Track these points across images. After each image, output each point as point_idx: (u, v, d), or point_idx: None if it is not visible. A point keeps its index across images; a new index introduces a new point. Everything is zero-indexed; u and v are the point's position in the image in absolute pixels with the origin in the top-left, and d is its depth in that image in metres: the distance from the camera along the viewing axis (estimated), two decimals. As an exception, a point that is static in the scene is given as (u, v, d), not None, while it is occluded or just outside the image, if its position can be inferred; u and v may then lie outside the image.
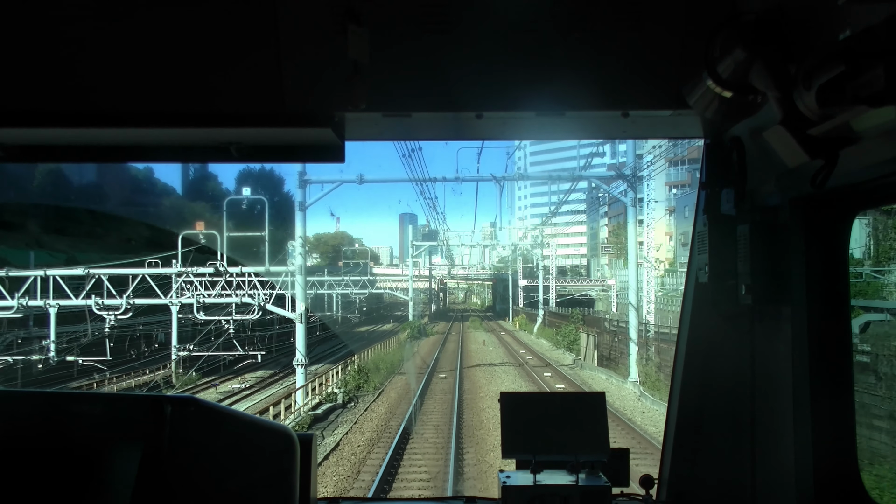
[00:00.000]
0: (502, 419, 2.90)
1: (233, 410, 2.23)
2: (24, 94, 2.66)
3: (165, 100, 2.68)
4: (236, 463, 2.15)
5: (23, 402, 2.15)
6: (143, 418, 1.90)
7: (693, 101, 2.43)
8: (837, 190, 2.36)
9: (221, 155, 2.97)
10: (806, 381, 2.64)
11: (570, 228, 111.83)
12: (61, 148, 3.03)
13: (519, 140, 47.05)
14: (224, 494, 2.06)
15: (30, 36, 2.58)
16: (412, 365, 44.27)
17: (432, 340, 64.44)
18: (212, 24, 2.60)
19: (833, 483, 2.62)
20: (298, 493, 2.41)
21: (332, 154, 2.99)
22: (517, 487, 2.74)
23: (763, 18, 2.09)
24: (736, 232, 2.85)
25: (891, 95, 1.57)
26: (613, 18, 2.60)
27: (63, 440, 1.95)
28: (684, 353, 3.30)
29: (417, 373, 40.62)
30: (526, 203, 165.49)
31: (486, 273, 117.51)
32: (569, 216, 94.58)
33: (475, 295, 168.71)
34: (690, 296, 3.29)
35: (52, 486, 1.89)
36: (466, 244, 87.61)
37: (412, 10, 2.58)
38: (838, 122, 1.83)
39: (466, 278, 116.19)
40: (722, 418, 3.13)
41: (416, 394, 32.79)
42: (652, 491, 3.03)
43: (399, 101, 2.74)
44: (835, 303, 2.66)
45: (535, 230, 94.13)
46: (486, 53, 2.66)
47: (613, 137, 4.45)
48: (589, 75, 2.69)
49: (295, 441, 2.40)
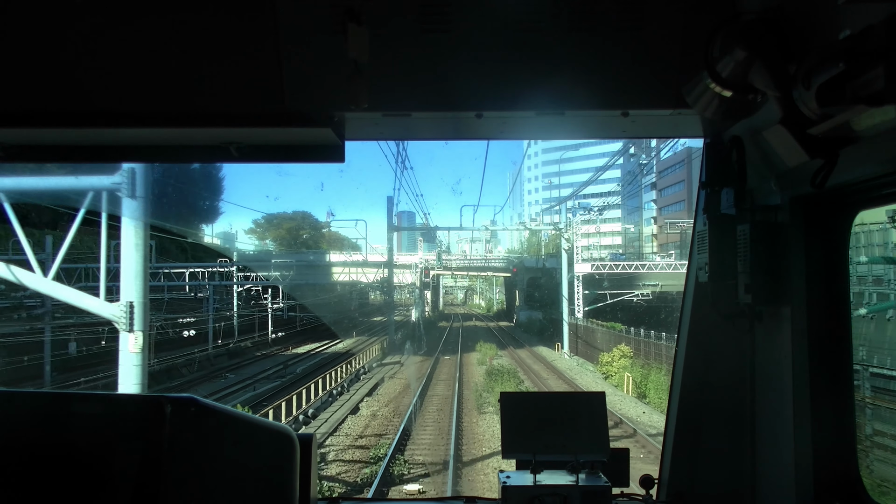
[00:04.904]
0: (502, 419, 2.90)
1: (233, 410, 2.22)
2: (24, 94, 2.66)
3: (166, 100, 2.68)
4: (236, 463, 2.15)
5: (23, 402, 2.15)
6: (143, 418, 1.90)
7: (693, 100, 2.43)
8: (837, 189, 2.36)
9: (221, 155, 2.97)
10: (806, 380, 2.63)
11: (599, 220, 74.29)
12: (61, 148, 3.03)
13: (519, 140, 44.11)
14: (224, 494, 2.06)
15: (30, 36, 2.58)
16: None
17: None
18: (212, 24, 2.60)
19: (833, 483, 2.62)
20: (298, 493, 2.41)
21: (332, 154, 2.99)
22: (517, 487, 2.73)
23: (763, 18, 2.09)
24: (736, 231, 2.85)
25: (891, 95, 1.57)
26: (614, 18, 2.60)
27: (63, 440, 1.94)
28: (684, 353, 3.30)
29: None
30: (536, 198, 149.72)
31: (498, 261, 78.39)
32: (598, 199, 66.51)
33: (478, 295, 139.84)
34: (690, 295, 3.29)
35: (52, 486, 1.89)
36: (464, 229, 59.72)
37: (412, 10, 2.58)
38: (838, 122, 1.83)
39: (467, 270, 77.60)
40: (722, 418, 3.13)
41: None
42: (652, 491, 3.03)
43: (399, 100, 2.74)
44: (835, 302, 2.65)
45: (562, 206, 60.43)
46: (486, 53, 2.66)
47: (613, 137, 4.46)
48: (589, 75, 2.69)
49: (295, 441, 2.39)
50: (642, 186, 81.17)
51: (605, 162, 56.25)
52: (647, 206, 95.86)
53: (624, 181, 67.64)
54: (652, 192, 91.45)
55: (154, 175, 19.15)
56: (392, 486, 18.44)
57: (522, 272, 70.02)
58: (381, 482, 18.45)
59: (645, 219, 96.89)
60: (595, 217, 63.21)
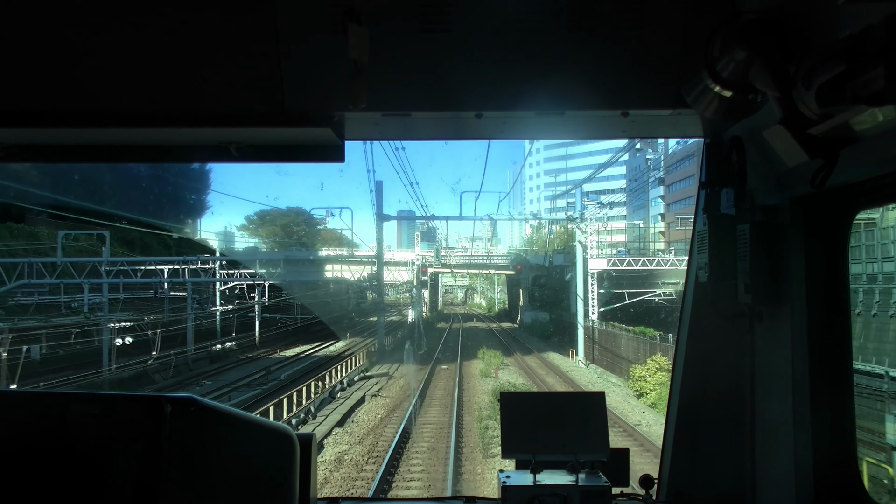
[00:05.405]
0: (502, 419, 2.90)
1: (233, 410, 2.22)
2: (24, 94, 2.66)
3: (166, 100, 2.68)
4: (236, 462, 2.15)
5: (23, 402, 2.15)
6: (143, 418, 1.90)
7: (693, 100, 2.44)
8: (837, 189, 2.36)
9: (221, 155, 2.97)
10: (806, 380, 2.63)
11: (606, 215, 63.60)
12: (61, 148, 3.03)
13: (519, 140, 41.86)
14: (224, 494, 2.06)
15: (30, 36, 2.58)
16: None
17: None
18: (212, 24, 2.60)
19: (833, 483, 2.62)
20: (298, 493, 2.41)
21: (331, 153, 2.99)
22: (517, 487, 2.73)
23: (763, 18, 2.09)
24: (736, 231, 2.85)
25: (891, 95, 1.57)
26: (614, 18, 2.60)
27: (63, 440, 1.94)
28: (684, 353, 3.29)
29: None
30: (538, 195, 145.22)
31: (500, 258, 71.82)
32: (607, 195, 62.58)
33: (478, 294, 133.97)
34: (690, 295, 3.29)
35: (52, 486, 1.89)
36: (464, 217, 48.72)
37: (412, 10, 2.58)
38: (838, 122, 1.82)
39: (468, 267, 70.18)
40: (722, 418, 3.13)
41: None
42: (652, 491, 3.03)
43: (399, 100, 2.74)
44: (835, 302, 2.65)
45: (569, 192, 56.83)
46: (486, 53, 2.66)
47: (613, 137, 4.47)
48: (589, 75, 2.69)
49: (295, 441, 2.39)
50: (649, 181, 78.56)
51: (609, 158, 53.18)
52: (655, 203, 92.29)
53: (630, 177, 64.18)
54: (659, 188, 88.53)
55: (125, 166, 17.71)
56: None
57: (527, 270, 64.86)
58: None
59: (652, 215, 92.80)
60: (604, 214, 57.33)
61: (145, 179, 49.35)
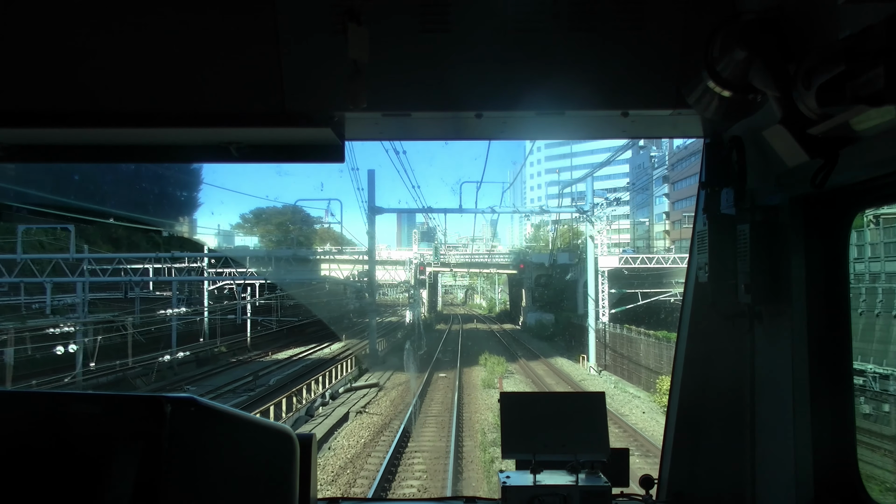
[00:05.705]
0: (502, 419, 2.90)
1: (233, 410, 2.22)
2: (24, 94, 2.67)
3: (166, 100, 2.68)
4: (236, 463, 2.15)
5: (23, 402, 2.15)
6: (143, 418, 1.90)
7: (693, 100, 2.43)
8: (838, 189, 2.36)
9: (221, 155, 2.97)
10: (806, 380, 2.63)
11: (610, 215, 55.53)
12: (61, 148, 3.03)
13: (519, 140, 40.57)
14: (224, 494, 2.06)
15: (30, 36, 2.58)
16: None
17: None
18: (212, 24, 2.60)
19: (833, 483, 2.62)
20: (298, 493, 2.41)
21: (331, 154, 2.99)
22: (517, 487, 2.73)
23: (763, 18, 2.09)
24: (736, 231, 2.85)
25: (891, 95, 1.57)
26: (614, 18, 2.60)
27: (63, 440, 1.94)
28: (684, 353, 3.29)
29: None
30: (538, 195, 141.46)
31: (502, 256, 69.00)
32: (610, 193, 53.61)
33: (479, 294, 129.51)
34: (690, 295, 3.29)
35: (52, 486, 1.89)
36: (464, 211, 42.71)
37: (412, 10, 2.58)
38: (838, 122, 1.82)
39: (468, 266, 67.67)
40: (722, 418, 3.13)
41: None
42: (652, 491, 3.03)
43: (399, 100, 2.74)
44: (835, 302, 2.65)
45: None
46: (486, 53, 2.66)
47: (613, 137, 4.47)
48: (589, 75, 2.69)
49: (294, 441, 2.39)
50: (653, 179, 76.70)
51: (610, 156, 50.83)
52: (659, 201, 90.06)
53: (634, 175, 61.62)
54: (664, 186, 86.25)
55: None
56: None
57: (529, 269, 61.47)
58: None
59: (656, 213, 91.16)
60: (611, 211, 52.23)
61: (130, 174, 47.14)
